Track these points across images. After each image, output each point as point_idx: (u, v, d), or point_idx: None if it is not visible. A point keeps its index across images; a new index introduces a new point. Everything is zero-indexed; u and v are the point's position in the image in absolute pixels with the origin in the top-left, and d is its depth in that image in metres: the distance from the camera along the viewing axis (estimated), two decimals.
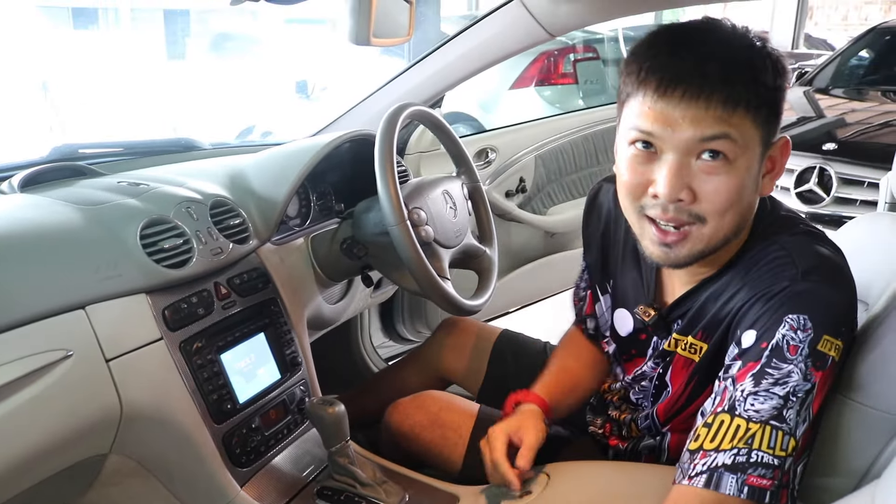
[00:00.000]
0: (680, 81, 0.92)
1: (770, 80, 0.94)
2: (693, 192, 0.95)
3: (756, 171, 0.97)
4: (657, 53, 0.96)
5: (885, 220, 1.30)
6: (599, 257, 1.29)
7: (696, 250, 1.00)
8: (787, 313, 0.94)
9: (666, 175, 0.95)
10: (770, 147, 0.99)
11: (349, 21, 1.14)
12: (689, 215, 0.97)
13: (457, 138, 1.61)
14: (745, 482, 0.90)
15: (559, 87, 4.50)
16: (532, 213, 2.43)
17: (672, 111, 0.93)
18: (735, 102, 0.91)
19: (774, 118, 0.97)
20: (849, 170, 3.23)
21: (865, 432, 1.07)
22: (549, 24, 1.54)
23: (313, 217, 1.65)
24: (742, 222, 1.01)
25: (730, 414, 0.93)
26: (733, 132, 0.92)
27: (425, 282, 1.34)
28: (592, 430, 1.36)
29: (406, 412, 1.44)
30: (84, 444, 1.05)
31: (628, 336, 1.23)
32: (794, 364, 0.92)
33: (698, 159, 0.94)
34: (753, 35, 0.97)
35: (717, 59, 0.92)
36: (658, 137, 0.95)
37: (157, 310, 1.14)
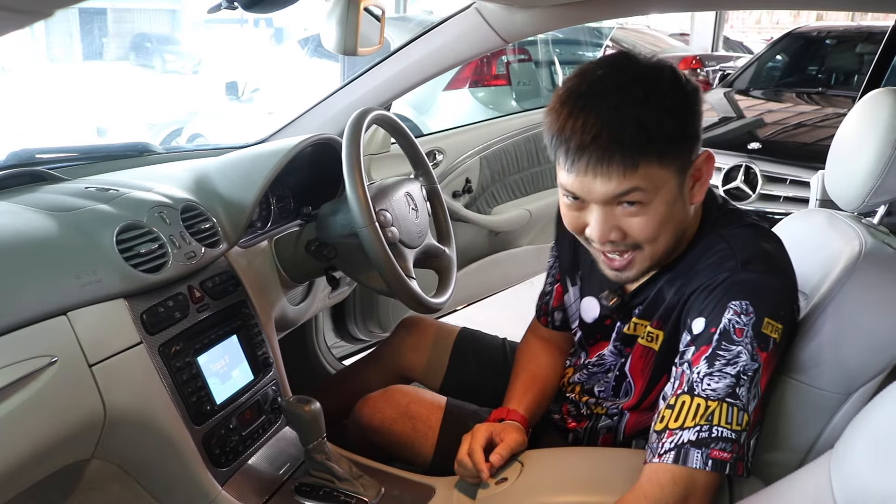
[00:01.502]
0: (582, 152, 1.01)
1: (671, 119, 1.02)
2: (622, 230, 1.07)
3: (676, 195, 1.07)
4: (563, 123, 1.04)
5: (818, 216, 1.41)
6: (571, 251, 1.37)
7: (644, 267, 1.13)
8: (731, 300, 1.04)
9: (595, 224, 1.08)
10: (689, 168, 1.08)
11: (335, 33, 1.17)
12: (625, 245, 1.10)
13: (415, 142, 1.66)
14: (709, 455, 0.99)
15: (493, 88, 4.59)
16: (477, 212, 2.50)
17: (584, 178, 1.03)
18: (634, 161, 1.01)
19: (686, 148, 1.06)
20: (772, 168, 3.42)
21: (810, 410, 1.17)
22: (503, 31, 1.60)
23: (273, 219, 1.67)
24: (679, 233, 1.12)
25: (689, 395, 1.02)
26: (641, 183, 1.02)
27: (394, 281, 1.38)
28: (552, 418, 1.43)
29: (376, 406, 1.48)
30: (68, 450, 1.05)
31: (594, 322, 1.32)
32: (741, 345, 1.02)
33: (619, 205, 1.05)
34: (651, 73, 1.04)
35: (609, 122, 1.00)
36: (581, 196, 1.07)
37: (136, 314, 1.14)
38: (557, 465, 1.24)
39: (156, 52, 11.28)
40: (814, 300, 1.20)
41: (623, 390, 1.28)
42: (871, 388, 1.15)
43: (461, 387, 1.65)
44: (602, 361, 1.30)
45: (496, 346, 1.72)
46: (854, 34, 5.03)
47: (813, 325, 1.16)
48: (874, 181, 1.22)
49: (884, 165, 1.21)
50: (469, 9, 1.60)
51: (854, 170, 1.26)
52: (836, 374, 1.15)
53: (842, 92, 4.53)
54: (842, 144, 1.34)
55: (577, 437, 1.36)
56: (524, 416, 1.33)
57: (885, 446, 0.81)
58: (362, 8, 1.18)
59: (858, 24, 5.44)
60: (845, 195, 1.31)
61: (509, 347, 1.70)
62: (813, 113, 4.17)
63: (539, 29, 1.58)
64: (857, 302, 1.15)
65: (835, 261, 1.22)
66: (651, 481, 1.02)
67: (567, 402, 1.40)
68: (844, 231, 1.29)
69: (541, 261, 2.85)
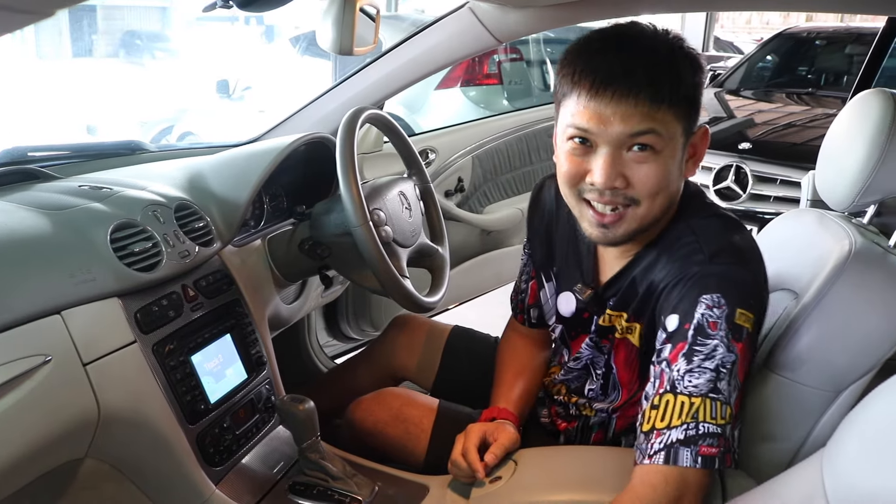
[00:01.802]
0: (610, 83, 1.02)
1: (689, 77, 1.06)
2: (626, 178, 1.07)
3: (680, 158, 1.09)
4: (589, 57, 1.06)
5: (809, 216, 1.42)
6: (544, 247, 1.37)
7: (631, 229, 1.11)
8: (702, 294, 1.04)
9: (602, 166, 1.06)
10: (691, 136, 1.10)
11: (331, 33, 1.17)
12: (623, 198, 1.08)
13: (409, 141, 1.66)
14: (698, 453, 0.99)
15: (484, 87, 4.59)
16: (469, 211, 2.50)
17: (604, 110, 1.03)
18: (660, 100, 1.02)
19: (694, 111, 1.09)
20: (763, 168, 3.43)
21: (800, 408, 1.18)
22: (497, 31, 1.60)
23: (267, 218, 1.67)
24: (670, 203, 1.12)
25: (672, 393, 1.02)
26: (658, 127, 1.03)
27: (388, 280, 1.39)
28: (542, 422, 1.43)
29: (368, 409, 1.48)
30: (61, 449, 1.05)
31: (572, 316, 1.32)
32: (717, 339, 1.02)
33: (629, 151, 1.05)
34: (673, 37, 1.08)
35: (642, 61, 1.03)
36: (592, 133, 1.05)
37: (130, 313, 1.14)
38: (551, 463, 1.25)
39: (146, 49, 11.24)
40: (804, 299, 1.21)
41: (611, 387, 1.28)
42: (860, 387, 1.16)
43: (453, 385, 1.65)
44: (580, 356, 1.30)
45: (488, 345, 1.72)
46: (843, 35, 5.05)
47: (803, 324, 1.17)
48: (864, 181, 1.23)
49: (873, 166, 1.22)
50: (463, 8, 1.61)
51: (844, 170, 1.27)
52: (826, 372, 1.16)
53: (832, 92, 4.55)
54: (832, 145, 1.35)
55: (569, 437, 1.36)
56: (514, 414, 1.34)
57: (876, 445, 0.82)
58: (358, 8, 1.18)
59: (847, 26, 5.47)
60: (835, 195, 1.32)
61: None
62: (803, 113, 4.19)
63: (532, 29, 1.59)
64: (846, 301, 1.16)
65: (825, 260, 1.23)
66: (643, 483, 1.02)
67: (555, 403, 1.40)
68: (834, 230, 1.30)
69: None
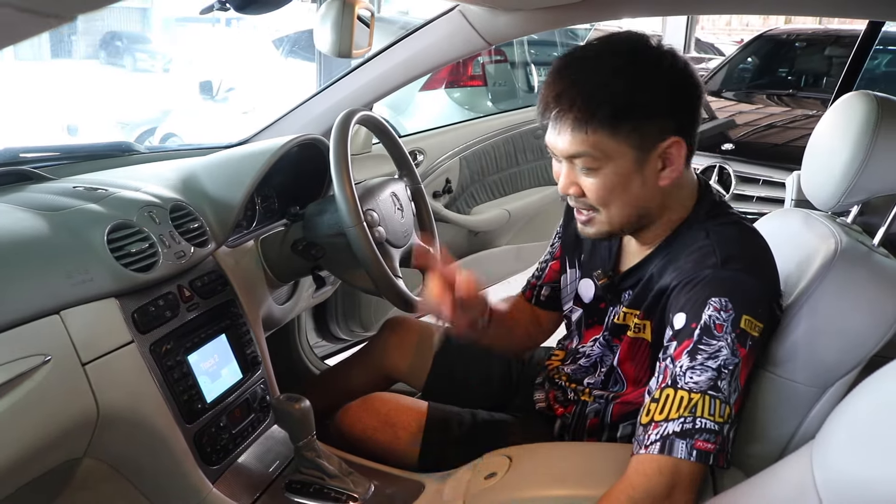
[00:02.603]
0: (548, 107, 1.12)
1: (629, 97, 1.07)
2: (579, 187, 1.15)
3: (632, 170, 1.12)
4: (548, 79, 1.14)
5: (795, 216, 1.45)
6: (575, 235, 1.38)
7: (603, 230, 1.20)
8: (710, 296, 1.07)
9: (560, 177, 1.17)
10: (653, 150, 1.12)
11: (329, 36, 1.18)
12: (584, 205, 1.18)
13: (400, 142, 1.67)
14: (693, 446, 1.02)
15: (469, 88, 4.61)
16: (457, 212, 2.52)
17: (551, 131, 1.14)
18: (584, 124, 1.08)
19: (641, 126, 1.10)
20: (745, 168, 3.48)
21: (788, 404, 1.21)
22: (487, 33, 1.62)
23: (259, 219, 1.68)
24: (639, 210, 1.17)
25: (673, 388, 1.05)
26: (589, 149, 1.10)
27: (382, 280, 1.40)
28: (539, 407, 1.45)
29: (356, 416, 1.48)
30: (61, 449, 1.06)
31: (591, 303, 1.36)
32: (722, 340, 1.05)
33: (576, 165, 1.13)
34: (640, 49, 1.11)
35: (578, 85, 1.09)
36: (551, 148, 1.16)
37: (127, 313, 1.15)
38: (545, 459, 1.26)
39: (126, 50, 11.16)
40: (791, 297, 1.23)
41: (612, 381, 1.30)
42: (846, 383, 1.19)
43: (445, 386, 1.67)
44: (591, 353, 1.33)
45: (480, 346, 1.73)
46: (822, 37, 5.12)
47: (791, 322, 1.20)
48: (849, 182, 1.26)
49: (858, 166, 1.25)
50: (453, 11, 1.62)
51: (830, 171, 1.30)
52: (813, 369, 1.19)
53: (811, 94, 4.62)
54: (818, 146, 1.38)
55: (565, 423, 1.38)
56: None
57: (864, 436, 0.84)
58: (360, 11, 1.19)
59: (826, 28, 5.54)
60: (821, 195, 1.34)
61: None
62: (783, 114, 4.25)
63: (522, 31, 1.61)
64: (833, 299, 1.19)
65: (811, 259, 1.26)
66: (637, 472, 1.05)
67: (554, 388, 1.42)
68: (820, 230, 1.32)
69: (520, 260, 2.88)
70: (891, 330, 1.17)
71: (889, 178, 1.27)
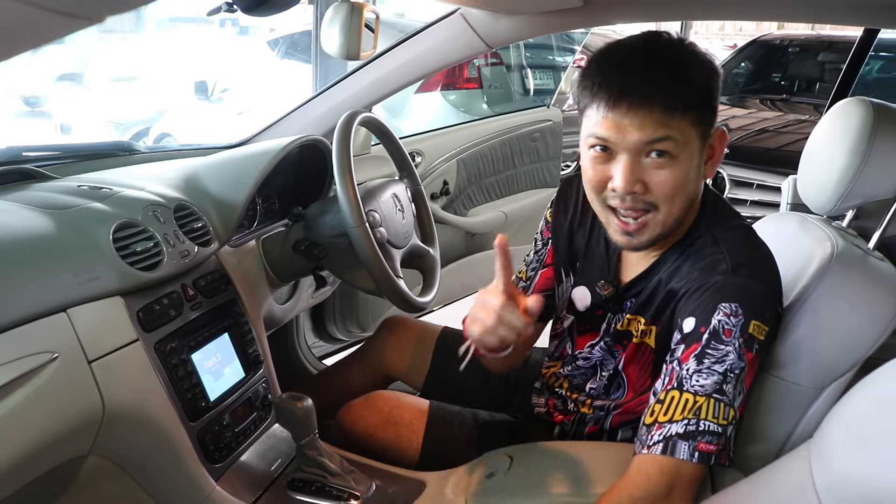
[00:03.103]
0: (625, 94, 1.06)
1: (702, 82, 1.10)
2: (645, 184, 1.10)
3: (697, 161, 1.12)
4: (606, 69, 1.10)
5: (791, 219, 1.47)
6: (567, 242, 1.39)
7: (655, 234, 1.15)
8: (721, 302, 1.08)
9: (621, 172, 1.09)
10: (708, 138, 1.14)
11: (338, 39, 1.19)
12: (643, 204, 1.12)
13: (401, 144, 1.69)
14: (696, 448, 1.03)
15: (464, 91, 4.62)
16: (454, 214, 2.53)
17: (621, 120, 1.07)
18: (672, 108, 1.06)
19: (709, 114, 1.12)
20: (740, 172, 3.51)
21: (786, 404, 1.23)
22: (488, 36, 1.64)
23: (259, 219, 1.69)
24: (690, 205, 1.16)
25: (679, 390, 1.07)
26: (673, 133, 1.07)
27: (383, 281, 1.41)
28: (538, 412, 1.46)
29: (359, 413, 1.49)
30: (67, 446, 1.06)
31: (586, 311, 1.35)
32: (730, 345, 1.06)
33: (647, 157, 1.09)
34: (686, 44, 1.13)
35: (656, 72, 1.07)
36: (612, 142, 1.09)
37: (132, 311, 1.16)
38: (546, 459, 1.27)
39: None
40: (788, 299, 1.25)
41: (615, 386, 1.32)
42: (843, 383, 1.21)
43: (443, 385, 1.68)
44: (590, 356, 1.34)
45: None
46: (815, 43, 5.17)
47: (789, 324, 1.22)
48: (846, 186, 1.28)
49: (855, 171, 1.27)
50: (454, 14, 1.64)
51: (827, 175, 1.32)
52: (811, 370, 1.20)
53: (804, 99, 4.66)
54: (814, 151, 1.40)
55: (564, 429, 1.39)
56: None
57: (862, 435, 0.86)
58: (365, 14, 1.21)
59: (818, 34, 5.59)
60: (818, 199, 1.36)
61: None
62: (775, 119, 4.28)
63: (523, 35, 1.62)
64: (830, 301, 1.21)
65: (808, 262, 1.28)
66: (639, 471, 1.06)
67: (554, 396, 1.43)
68: (816, 233, 1.34)
69: (516, 262, 2.87)
70: (886, 331, 1.19)
71: (885, 182, 1.29)
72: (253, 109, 5.12)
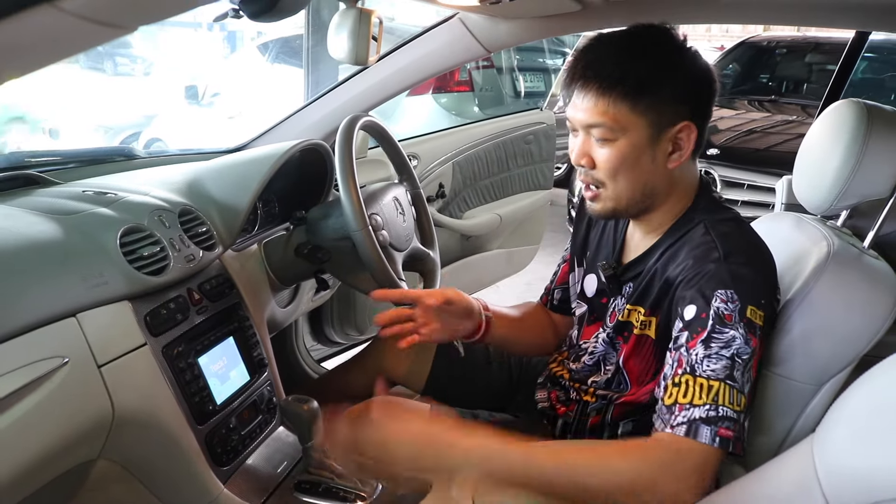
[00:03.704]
0: (574, 78, 1.18)
1: (647, 74, 1.15)
2: (591, 158, 1.21)
3: (645, 146, 1.18)
4: (575, 55, 1.21)
5: (786, 219, 1.49)
6: (583, 236, 1.47)
7: (608, 207, 1.25)
8: (716, 289, 1.11)
9: (574, 146, 1.23)
10: (667, 130, 1.18)
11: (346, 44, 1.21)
12: (593, 179, 1.23)
13: (400, 148, 1.70)
14: (717, 433, 1.04)
15: (456, 94, 4.64)
16: (450, 217, 2.55)
17: (574, 99, 1.20)
18: (607, 94, 1.15)
19: (660, 104, 1.16)
20: (731, 173, 3.54)
21: (786, 400, 1.25)
22: (486, 41, 1.65)
23: (260, 223, 1.70)
24: (645, 188, 1.22)
25: (692, 375, 1.08)
26: (607, 121, 1.16)
27: (386, 283, 1.42)
28: (541, 406, 1.48)
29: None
30: (78, 450, 1.07)
31: (593, 297, 1.40)
32: (734, 329, 1.08)
33: (593, 137, 1.19)
34: (654, 37, 1.18)
35: (604, 60, 1.16)
36: (570, 119, 1.22)
37: (140, 316, 1.17)
38: None
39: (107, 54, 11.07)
40: (786, 297, 1.27)
41: (616, 382, 1.33)
42: (841, 379, 1.23)
43: (444, 388, 1.69)
44: (594, 351, 1.36)
45: (478, 348, 1.76)
46: (802, 44, 5.22)
47: (787, 321, 1.24)
48: (841, 186, 1.31)
49: (850, 171, 1.29)
50: (453, 19, 1.65)
51: (822, 176, 1.34)
52: (809, 367, 1.23)
53: (792, 100, 4.71)
54: (809, 152, 1.42)
55: (567, 421, 1.41)
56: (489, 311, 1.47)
57: (863, 430, 0.87)
58: (373, 19, 1.22)
59: (805, 35, 5.64)
60: (813, 199, 1.39)
61: (491, 349, 1.75)
62: (763, 120, 4.32)
63: (521, 39, 1.64)
64: (827, 299, 1.23)
65: (805, 260, 1.30)
66: (659, 446, 1.07)
67: (557, 387, 1.45)
68: (812, 233, 1.37)
69: (510, 264, 2.92)
70: (882, 328, 1.22)
71: (879, 182, 1.31)
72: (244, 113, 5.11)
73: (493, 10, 1.52)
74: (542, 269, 4.04)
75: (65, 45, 0.50)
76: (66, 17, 0.46)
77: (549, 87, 5.00)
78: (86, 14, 0.47)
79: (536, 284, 4.07)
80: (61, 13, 0.45)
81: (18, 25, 0.45)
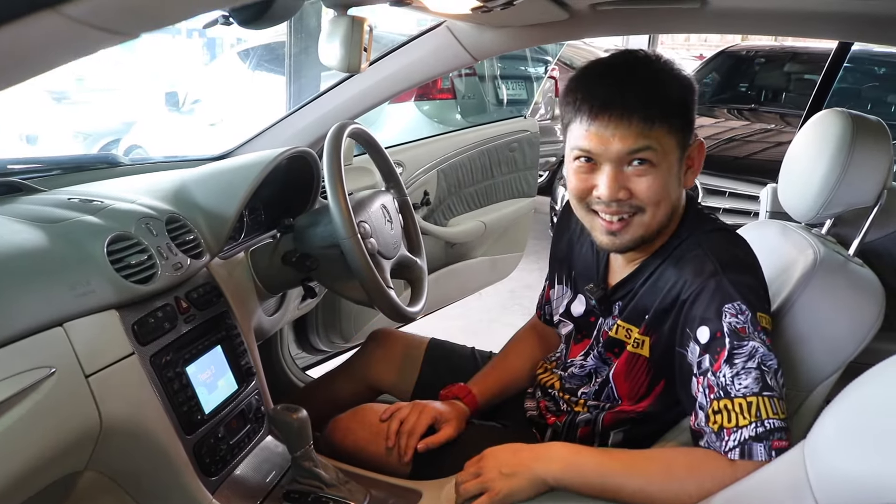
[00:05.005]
0: (607, 107, 1.13)
1: (678, 96, 1.16)
2: (629, 190, 1.16)
3: (677, 170, 1.18)
4: (588, 85, 1.17)
5: (772, 227, 1.51)
6: (564, 254, 1.47)
7: (637, 235, 1.20)
8: (723, 304, 1.12)
9: (606, 182, 1.16)
10: (687, 149, 1.20)
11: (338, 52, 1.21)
12: (629, 207, 1.18)
13: (387, 156, 1.70)
14: (771, 447, 1.06)
15: (438, 101, 4.64)
16: (434, 224, 2.55)
17: (604, 132, 1.13)
18: (651, 119, 1.12)
19: (687, 125, 1.18)
20: (712, 181, 3.57)
21: None
22: (473, 49, 1.66)
23: (247, 231, 1.68)
24: (672, 211, 1.21)
25: (727, 398, 1.09)
26: (653, 143, 1.13)
27: (375, 291, 1.42)
28: (530, 416, 1.48)
29: (347, 428, 1.49)
30: (64, 462, 1.05)
31: (580, 317, 1.40)
32: (751, 339, 1.09)
33: (629, 166, 1.15)
34: (663, 61, 1.19)
35: (634, 86, 1.14)
36: (595, 153, 1.15)
37: (127, 325, 1.15)
38: None
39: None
40: (774, 305, 1.29)
41: (605, 395, 1.34)
42: (827, 386, 1.25)
43: (431, 396, 1.68)
44: (584, 365, 1.36)
45: (465, 356, 1.76)
46: (780, 54, 5.30)
47: (775, 329, 1.25)
48: (827, 195, 1.32)
49: (836, 180, 1.31)
50: (440, 27, 1.66)
51: (808, 184, 1.36)
52: (797, 373, 1.24)
53: (771, 108, 4.77)
54: (795, 161, 1.44)
55: (556, 430, 1.41)
56: (476, 400, 1.48)
57: (853, 435, 0.88)
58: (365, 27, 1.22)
59: (782, 45, 5.72)
60: (799, 207, 1.40)
61: (479, 356, 1.75)
62: (742, 128, 4.38)
63: (508, 47, 1.65)
64: (814, 307, 1.25)
65: (791, 268, 1.32)
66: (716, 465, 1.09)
67: (546, 398, 1.45)
68: (798, 241, 1.38)
69: (494, 271, 2.92)
70: (869, 335, 1.23)
71: (864, 190, 1.33)
72: (225, 120, 5.08)
73: (481, 18, 1.52)
74: (526, 277, 4.06)
75: (67, 52, 0.50)
76: (70, 23, 0.46)
77: (532, 95, 5.01)
78: (90, 20, 0.47)
79: (520, 292, 4.11)
80: (65, 19, 0.45)
81: (22, 31, 0.44)
